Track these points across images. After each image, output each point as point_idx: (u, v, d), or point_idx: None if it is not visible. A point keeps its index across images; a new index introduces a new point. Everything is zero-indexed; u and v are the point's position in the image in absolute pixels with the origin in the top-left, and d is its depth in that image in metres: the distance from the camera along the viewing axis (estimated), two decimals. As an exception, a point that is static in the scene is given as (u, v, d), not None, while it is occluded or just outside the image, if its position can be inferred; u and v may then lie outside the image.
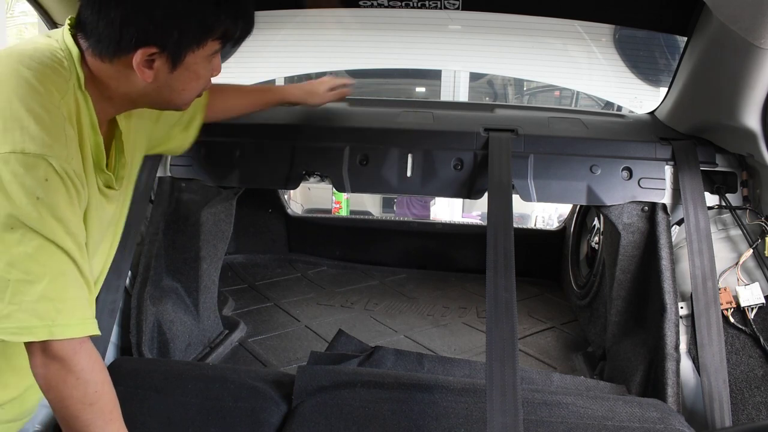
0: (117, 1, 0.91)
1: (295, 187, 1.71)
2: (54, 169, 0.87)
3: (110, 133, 1.09)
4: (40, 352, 0.89)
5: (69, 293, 0.89)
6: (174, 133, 1.36)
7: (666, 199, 1.61)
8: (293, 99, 1.63)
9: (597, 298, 2.03)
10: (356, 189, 1.69)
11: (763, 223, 1.50)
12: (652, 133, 1.70)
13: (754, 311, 1.47)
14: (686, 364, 1.50)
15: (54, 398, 0.91)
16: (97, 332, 0.93)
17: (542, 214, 5.24)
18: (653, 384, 1.50)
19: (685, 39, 1.59)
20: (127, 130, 1.11)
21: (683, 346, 1.51)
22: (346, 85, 1.70)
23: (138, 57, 0.93)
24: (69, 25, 0.98)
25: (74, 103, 0.95)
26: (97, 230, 1.07)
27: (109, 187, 1.06)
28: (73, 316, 0.89)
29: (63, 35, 0.97)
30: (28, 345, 0.89)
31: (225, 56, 2.60)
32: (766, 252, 1.48)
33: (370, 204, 5.78)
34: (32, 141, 0.86)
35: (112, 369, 1.40)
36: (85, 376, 0.91)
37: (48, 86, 0.91)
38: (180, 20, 0.93)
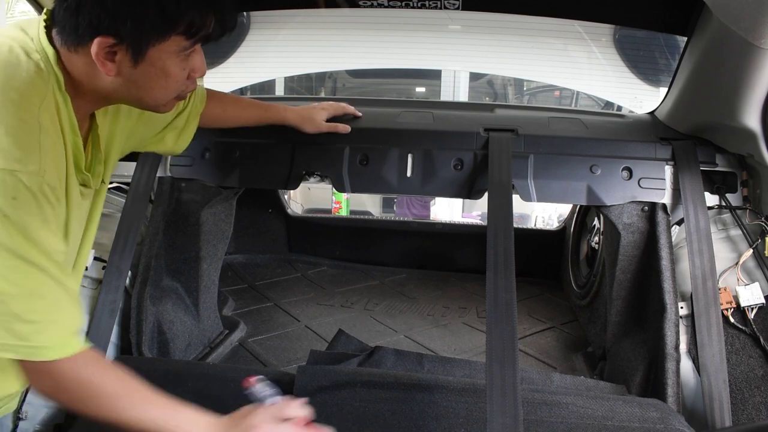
0: None
1: (295, 187, 1.71)
2: (24, 185, 0.84)
3: (88, 129, 1.06)
4: (31, 367, 0.89)
5: (46, 314, 0.87)
6: (167, 137, 1.35)
7: (666, 199, 1.61)
8: (290, 123, 1.62)
9: (597, 298, 2.03)
10: (356, 189, 1.69)
11: (763, 223, 1.50)
12: (652, 133, 1.70)
13: (754, 311, 1.47)
14: (686, 364, 1.50)
15: (63, 404, 0.94)
16: (79, 348, 0.91)
17: (542, 214, 5.24)
18: (653, 384, 1.50)
19: (685, 39, 1.59)
20: (103, 124, 1.08)
21: (683, 346, 1.51)
22: (349, 115, 1.68)
23: (95, 47, 0.88)
24: (44, 20, 0.94)
25: (54, 106, 0.91)
26: (77, 232, 1.06)
27: (84, 185, 1.04)
28: (52, 337, 0.88)
29: (39, 33, 0.93)
30: (17, 360, 0.89)
31: (225, 56, 2.62)
32: (766, 252, 1.48)
33: (370, 204, 5.78)
34: (1, 155, 0.83)
35: (112, 369, 1.40)
36: (76, 376, 0.91)
37: (26, 93, 0.88)
38: (134, 9, 0.86)
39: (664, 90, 1.85)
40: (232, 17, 0.95)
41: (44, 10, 0.95)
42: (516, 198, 1.55)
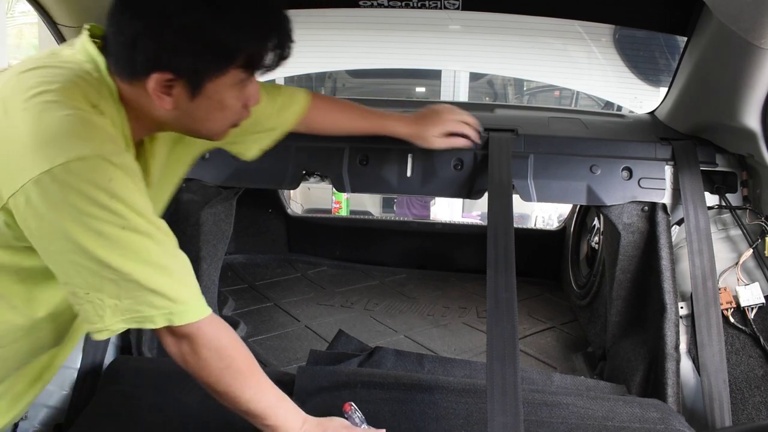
0: (130, 20, 0.86)
1: (295, 187, 1.71)
2: (114, 164, 0.85)
3: (137, 150, 1.05)
4: (169, 334, 0.93)
5: (172, 280, 0.89)
6: (245, 138, 1.32)
7: (666, 199, 1.61)
8: (401, 135, 1.50)
9: (597, 298, 2.03)
10: (356, 189, 1.68)
11: (763, 223, 1.50)
12: (652, 133, 1.70)
13: (754, 311, 1.47)
14: (686, 364, 1.50)
15: (192, 370, 0.96)
16: (210, 310, 0.94)
17: (542, 214, 5.23)
18: (653, 384, 1.50)
19: (685, 39, 1.59)
20: (151, 144, 1.06)
21: (683, 346, 1.51)
22: (467, 134, 1.52)
23: (152, 82, 0.88)
24: (89, 33, 0.94)
25: (110, 119, 0.91)
26: None
27: None
28: (187, 301, 0.90)
29: (86, 46, 0.93)
30: (156, 330, 0.92)
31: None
32: (766, 252, 1.48)
33: (370, 204, 5.78)
34: (83, 144, 0.83)
35: (112, 368, 1.40)
36: (215, 345, 0.94)
37: (76, 98, 0.88)
38: (193, 45, 0.85)
39: (664, 90, 1.85)
40: (289, 46, 0.94)
41: (86, 26, 0.95)
42: (516, 198, 1.55)
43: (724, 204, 1.58)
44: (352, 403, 1.13)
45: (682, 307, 1.53)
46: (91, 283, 0.85)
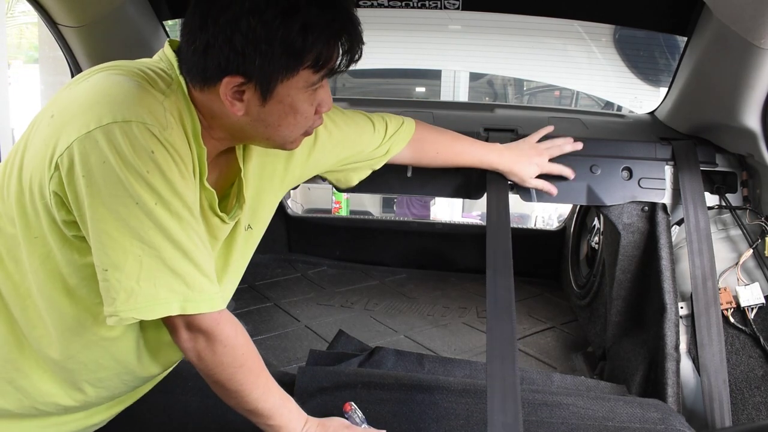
0: (201, 27, 0.87)
1: (295, 187, 1.71)
2: (157, 139, 0.84)
3: (227, 169, 1.05)
4: (185, 328, 0.91)
5: (195, 268, 0.88)
6: (346, 167, 1.33)
7: (666, 199, 1.61)
8: (498, 169, 1.50)
9: (597, 298, 2.03)
10: (356, 189, 1.68)
11: (763, 223, 1.50)
12: (652, 133, 1.70)
13: (754, 311, 1.47)
14: (686, 364, 1.50)
15: (206, 367, 0.95)
16: (223, 306, 0.93)
17: (542, 214, 5.24)
18: (653, 384, 1.50)
19: (685, 39, 1.59)
20: (248, 162, 1.06)
21: (683, 346, 1.51)
22: (564, 174, 1.53)
23: (224, 87, 0.89)
24: (170, 45, 0.96)
25: (176, 107, 0.91)
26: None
27: (213, 210, 1.00)
28: (204, 292, 0.89)
29: (164, 50, 0.95)
30: (171, 322, 0.90)
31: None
32: (766, 252, 1.48)
33: (370, 204, 5.78)
34: (131, 109, 0.84)
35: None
36: (231, 342, 0.94)
37: (144, 84, 0.89)
38: (261, 45, 0.86)
39: (664, 90, 1.85)
40: (358, 47, 0.94)
41: (168, 40, 0.98)
42: (516, 198, 1.55)
43: (724, 204, 1.58)
44: (353, 403, 1.13)
45: (682, 307, 1.53)
46: (114, 258, 0.83)
